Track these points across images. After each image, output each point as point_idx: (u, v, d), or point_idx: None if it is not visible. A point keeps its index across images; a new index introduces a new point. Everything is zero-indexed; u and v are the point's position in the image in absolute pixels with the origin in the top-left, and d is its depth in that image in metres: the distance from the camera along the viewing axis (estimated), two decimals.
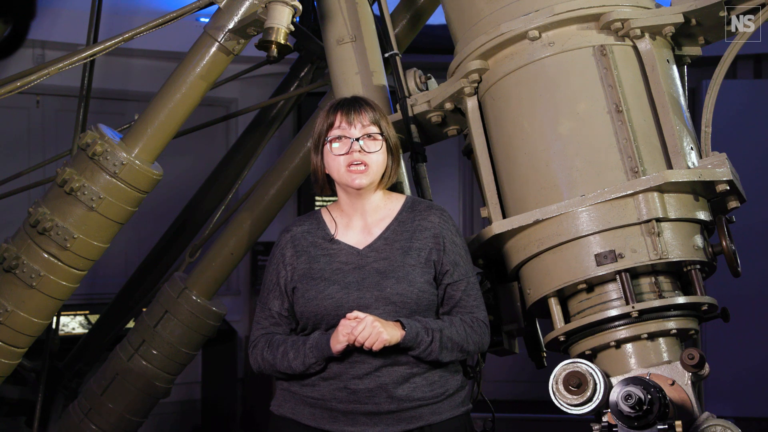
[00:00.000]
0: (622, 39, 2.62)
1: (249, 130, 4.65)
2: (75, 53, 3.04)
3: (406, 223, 2.50)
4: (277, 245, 2.55)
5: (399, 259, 2.43)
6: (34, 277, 3.13)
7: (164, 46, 5.89)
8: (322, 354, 2.37)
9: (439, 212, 2.53)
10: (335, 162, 2.45)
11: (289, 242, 2.53)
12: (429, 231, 2.48)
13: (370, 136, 2.45)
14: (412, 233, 2.48)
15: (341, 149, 2.44)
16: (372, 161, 2.44)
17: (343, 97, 2.58)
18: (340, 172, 2.45)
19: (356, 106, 2.47)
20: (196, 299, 3.94)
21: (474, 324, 2.46)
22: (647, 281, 2.52)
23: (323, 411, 2.42)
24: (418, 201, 2.58)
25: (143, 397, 3.99)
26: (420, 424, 2.40)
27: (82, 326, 6.00)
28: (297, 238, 2.53)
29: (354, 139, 2.44)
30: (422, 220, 2.50)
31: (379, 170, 2.47)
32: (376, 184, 2.49)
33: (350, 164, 2.43)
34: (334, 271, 2.44)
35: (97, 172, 3.09)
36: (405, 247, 2.45)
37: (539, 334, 2.87)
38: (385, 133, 2.48)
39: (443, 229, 2.49)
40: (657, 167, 2.52)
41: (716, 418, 2.38)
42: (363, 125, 2.45)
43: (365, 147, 2.44)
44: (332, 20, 3.10)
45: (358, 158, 2.43)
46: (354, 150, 2.43)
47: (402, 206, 2.54)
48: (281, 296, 2.49)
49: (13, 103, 5.95)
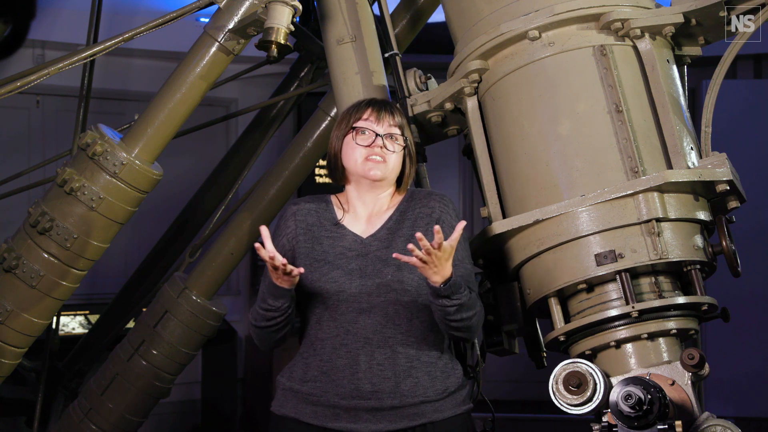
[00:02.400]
0: (622, 39, 2.62)
1: (249, 130, 4.65)
2: (75, 53, 3.04)
3: (406, 212, 2.52)
4: (282, 216, 2.58)
5: (401, 248, 2.44)
6: (34, 277, 3.13)
7: (164, 46, 5.89)
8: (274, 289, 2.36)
9: (439, 197, 2.55)
10: (355, 152, 2.49)
11: (294, 214, 2.55)
12: (429, 216, 2.50)
13: (393, 137, 2.50)
14: (414, 221, 2.50)
15: (365, 141, 2.48)
16: (390, 159, 2.48)
17: (373, 97, 2.63)
18: (359, 162, 2.48)
19: (388, 107, 2.53)
20: (196, 299, 3.94)
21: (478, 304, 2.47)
22: (647, 281, 2.52)
23: (325, 408, 2.42)
24: (417, 190, 2.61)
25: (143, 397, 3.99)
26: (422, 421, 2.41)
27: (82, 326, 5.99)
28: (302, 212, 2.55)
29: (378, 134, 2.47)
30: (422, 207, 2.52)
31: (395, 169, 2.50)
32: (390, 182, 2.53)
33: (368, 156, 2.47)
34: (337, 255, 2.46)
35: (97, 172, 3.09)
36: (407, 235, 2.47)
37: (539, 334, 2.87)
38: (407, 139, 2.53)
39: (443, 213, 2.52)
40: (657, 167, 2.52)
41: (716, 418, 2.38)
42: (390, 125, 2.50)
43: (387, 145, 2.48)
44: (332, 20, 3.10)
45: (379, 153, 2.47)
46: (376, 145, 2.47)
47: (402, 198, 2.57)
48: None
49: (13, 103, 5.95)
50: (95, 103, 4.35)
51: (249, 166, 4.29)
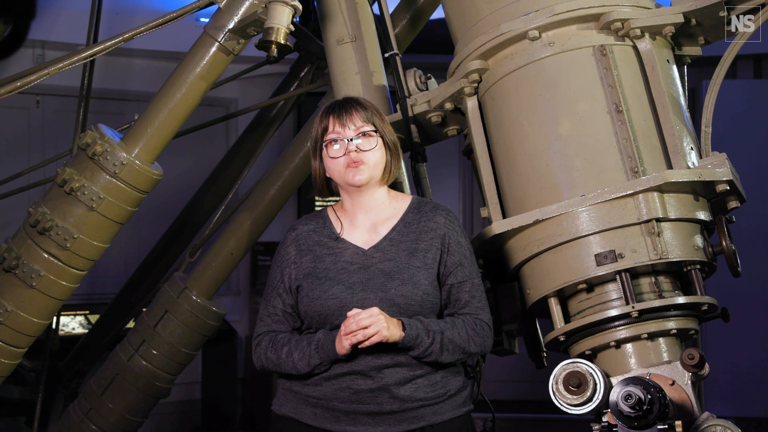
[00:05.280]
0: (622, 39, 2.62)
1: (249, 130, 4.65)
2: (75, 53, 3.04)
3: (412, 224, 2.50)
4: (283, 243, 2.56)
5: (404, 261, 2.43)
6: (34, 277, 3.13)
7: (164, 46, 5.89)
8: (327, 355, 2.37)
9: (445, 213, 2.53)
10: (334, 164, 2.47)
11: (294, 241, 2.54)
12: (434, 232, 2.49)
13: (365, 135, 2.47)
14: (418, 234, 2.48)
15: (339, 151, 2.46)
16: (369, 159, 2.46)
17: (337, 99, 2.60)
18: (341, 173, 2.47)
19: (347, 108, 2.49)
20: (196, 299, 3.94)
21: (477, 326, 2.46)
22: (647, 281, 2.52)
23: (325, 411, 2.42)
24: (424, 202, 2.59)
25: (143, 397, 3.99)
26: (422, 425, 2.40)
27: (82, 326, 6.00)
28: (302, 236, 2.54)
29: (348, 139, 2.45)
30: (428, 221, 2.50)
31: (378, 166, 2.48)
32: (377, 180, 2.50)
33: (348, 164, 2.45)
34: (338, 270, 2.45)
35: (97, 172, 3.09)
36: (410, 248, 2.46)
37: (539, 334, 2.87)
38: (380, 130, 2.49)
39: (449, 229, 2.50)
40: (657, 167, 2.52)
41: (716, 418, 2.38)
42: (356, 126, 2.46)
43: (361, 146, 2.45)
44: (332, 20, 3.10)
45: (356, 157, 2.44)
46: (350, 150, 2.45)
47: (408, 207, 2.55)
48: (285, 294, 2.50)
49: (13, 103, 5.96)
50: (95, 103, 4.36)
51: (249, 166, 4.30)
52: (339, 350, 2.34)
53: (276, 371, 2.48)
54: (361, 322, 2.28)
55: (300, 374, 2.42)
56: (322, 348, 2.37)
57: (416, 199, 2.59)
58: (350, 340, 2.30)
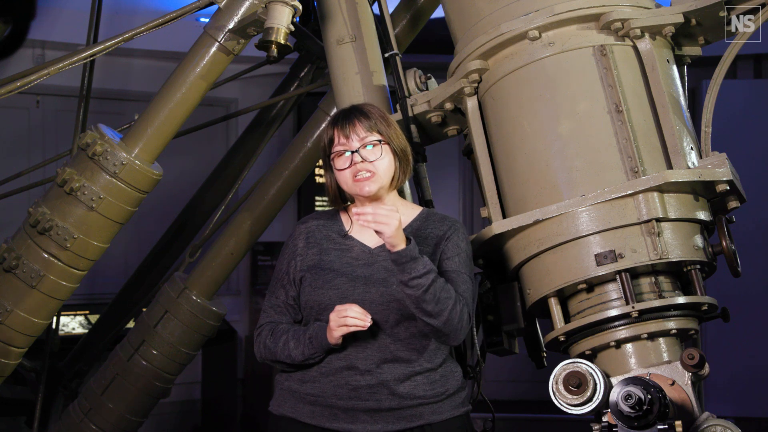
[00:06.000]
0: (622, 39, 2.62)
1: (249, 130, 4.65)
2: (75, 53, 3.04)
3: (418, 231, 2.51)
4: (291, 235, 2.58)
5: None
6: (34, 277, 3.13)
7: (164, 46, 5.90)
8: (321, 344, 2.38)
9: (452, 222, 2.53)
10: (342, 176, 2.47)
11: (303, 233, 2.55)
12: (437, 237, 2.49)
13: (373, 144, 2.45)
14: (423, 239, 2.48)
15: (344, 163, 2.45)
16: (376, 168, 2.44)
17: (343, 108, 2.59)
18: (349, 185, 2.47)
19: (350, 118, 2.47)
20: (196, 299, 3.94)
21: (461, 311, 2.38)
22: (647, 281, 2.52)
23: (323, 408, 2.42)
24: (433, 213, 2.59)
25: (143, 397, 3.99)
26: (420, 423, 2.41)
27: (82, 326, 5.99)
28: (311, 230, 2.55)
29: (352, 151, 2.44)
30: (434, 228, 2.51)
31: (386, 174, 2.47)
32: (386, 187, 2.49)
33: (356, 175, 2.44)
34: (344, 264, 2.46)
35: (97, 172, 3.09)
36: None
37: (539, 334, 2.87)
38: (385, 137, 2.47)
39: (452, 233, 2.49)
40: (657, 167, 2.52)
41: (716, 418, 2.38)
42: (360, 136, 2.45)
43: (366, 156, 2.44)
44: (332, 20, 3.10)
45: (362, 168, 2.43)
46: (356, 162, 2.43)
47: (417, 215, 2.56)
48: (289, 285, 2.51)
49: (13, 103, 5.95)
50: (95, 103, 4.36)
51: (249, 166, 4.29)
52: (330, 339, 2.35)
53: (273, 361, 2.49)
54: (378, 218, 2.25)
55: (294, 364, 2.43)
56: (316, 337, 2.39)
57: (426, 210, 2.60)
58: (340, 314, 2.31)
